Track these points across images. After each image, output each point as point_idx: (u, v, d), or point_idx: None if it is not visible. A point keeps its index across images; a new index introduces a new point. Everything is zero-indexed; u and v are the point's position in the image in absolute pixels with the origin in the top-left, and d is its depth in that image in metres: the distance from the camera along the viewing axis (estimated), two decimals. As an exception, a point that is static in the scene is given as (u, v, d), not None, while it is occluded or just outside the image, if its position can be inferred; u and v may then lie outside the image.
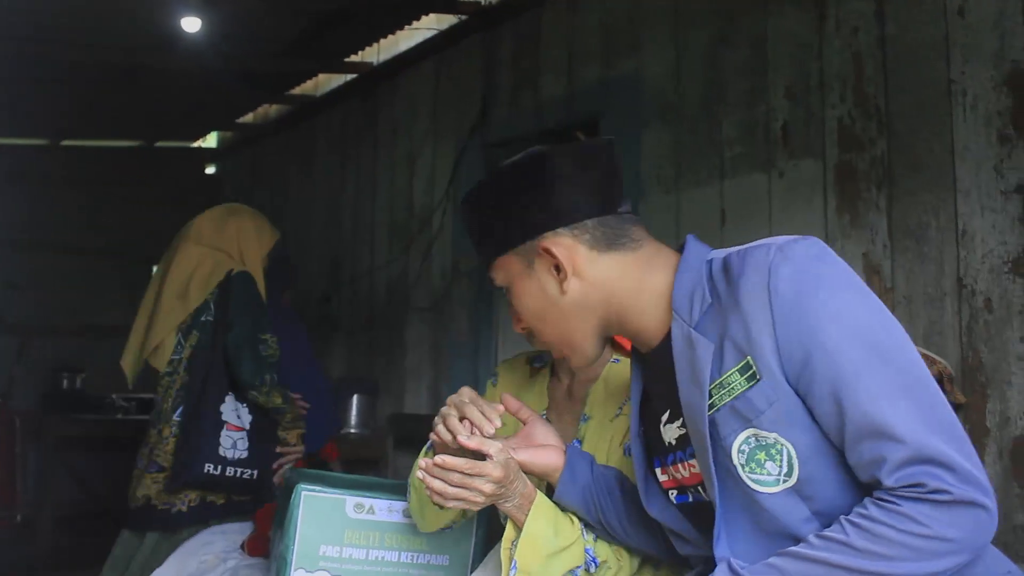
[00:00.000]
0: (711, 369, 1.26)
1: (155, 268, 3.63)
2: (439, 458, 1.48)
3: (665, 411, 1.42)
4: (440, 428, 1.54)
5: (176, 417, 3.27)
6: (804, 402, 1.22)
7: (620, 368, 1.80)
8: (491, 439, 1.50)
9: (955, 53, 2.87)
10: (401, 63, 5.70)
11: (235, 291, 3.33)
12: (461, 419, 1.52)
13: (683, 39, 3.84)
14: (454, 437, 1.49)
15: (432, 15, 5.27)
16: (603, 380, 1.79)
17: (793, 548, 1.21)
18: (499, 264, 1.49)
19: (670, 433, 1.41)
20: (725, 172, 3.57)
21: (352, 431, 5.22)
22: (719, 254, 1.36)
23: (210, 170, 8.82)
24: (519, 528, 1.55)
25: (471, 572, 1.84)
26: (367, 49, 5.99)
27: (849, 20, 3.18)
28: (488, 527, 1.94)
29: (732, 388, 1.25)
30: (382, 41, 5.84)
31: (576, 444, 1.68)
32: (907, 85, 3.00)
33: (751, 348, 1.23)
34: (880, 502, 1.16)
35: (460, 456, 1.52)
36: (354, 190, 6.29)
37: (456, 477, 1.46)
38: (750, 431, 1.24)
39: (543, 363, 1.91)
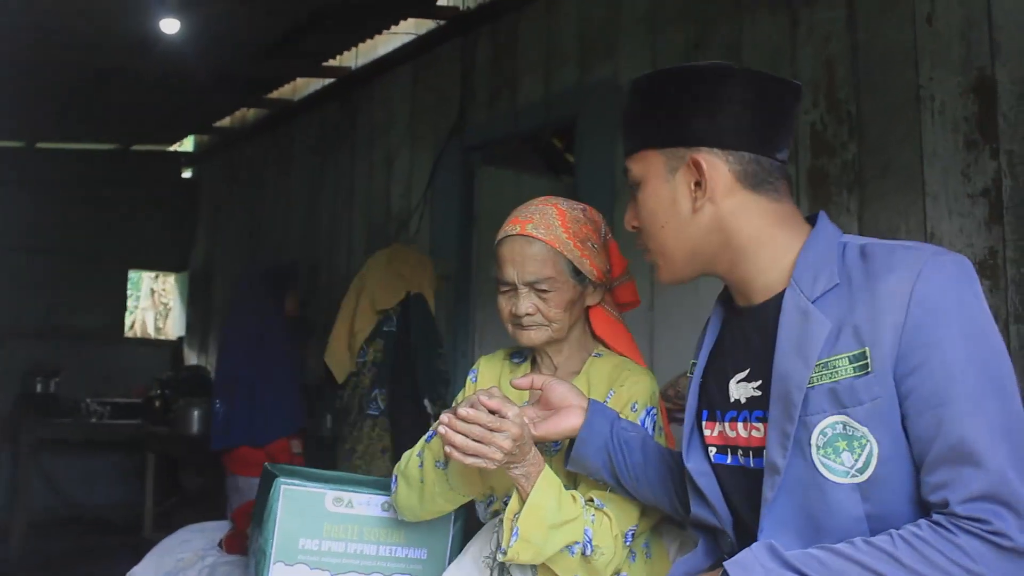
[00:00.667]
0: (822, 347, 1.25)
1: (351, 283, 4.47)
2: (462, 410, 1.49)
3: (743, 368, 1.40)
4: (463, 405, 1.54)
5: (371, 412, 4.02)
6: (900, 406, 1.21)
7: (601, 362, 1.83)
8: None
9: (923, 60, 2.93)
10: (379, 67, 5.73)
11: (413, 309, 4.19)
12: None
13: (659, 44, 3.89)
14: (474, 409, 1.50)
15: (410, 20, 5.30)
16: (585, 374, 1.82)
17: (837, 545, 1.21)
18: (641, 156, 1.43)
19: (740, 391, 1.39)
20: (700, 176, 3.62)
21: (329, 433, 5.22)
22: (854, 240, 1.33)
23: (186, 174, 8.80)
24: (522, 500, 1.57)
25: (448, 565, 1.86)
26: (345, 53, 6.01)
27: (821, 27, 3.24)
28: (465, 521, 1.96)
29: (837, 371, 1.24)
30: (360, 45, 5.86)
31: (595, 400, 1.69)
32: (877, 91, 3.06)
33: (872, 340, 1.22)
34: (936, 526, 1.15)
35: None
36: (332, 193, 6.30)
37: (477, 431, 1.47)
38: (841, 417, 1.24)
39: (523, 358, 1.94)
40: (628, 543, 1.67)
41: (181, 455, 5.98)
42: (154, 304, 11.93)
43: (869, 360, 1.22)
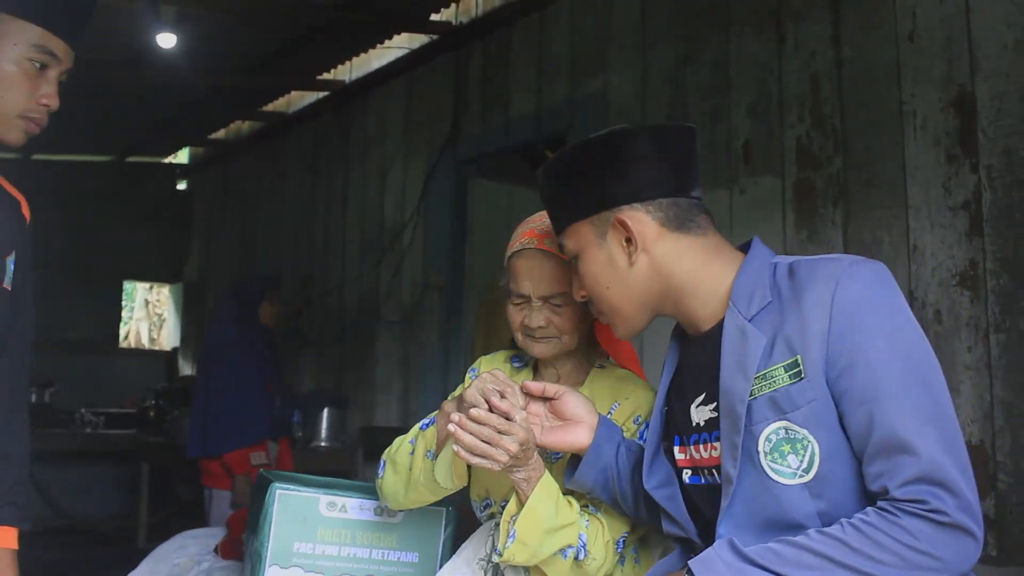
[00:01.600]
0: (760, 361, 1.35)
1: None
2: (473, 411, 1.52)
3: (700, 393, 1.48)
4: (472, 391, 1.59)
5: None
6: (837, 406, 1.29)
7: (605, 375, 1.86)
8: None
9: (906, 76, 3.00)
10: (373, 81, 5.79)
11: None
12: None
13: (648, 60, 3.95)
14: (487, 402, 1.54)
15: (404, 34, 5.37)
16: (588, 386, 1.84)
17: (792, 538, 1.29)
18: (572, 231, 1.53)
19: (700, 415, 1.48)
20: (688, 189, 3.68)
21: (322, 444, 5.26)
22: (784, 259, 1.43)
23: (181, 185, 8.84)
24: (521, 504, 1.61)
25: (440, 568, 1.90)
26: (339, 67, 6.08)
27: (807, 43, 3.30)
28: (456, 525, 2.00)
29: (774, 381, 1.33)
30: (354, 59, 5.93)
31: (607, 418, 1.73)
32: (861, 106, 3.12)
33: (803, 348, 1.31)
34: (882, 511, 1.23)
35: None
36: (325, 206, 6.35)
37: (486, 432, 1.51)
38: (782, 423, 1.32)
39: (523, 363, 1.95)
40: (619, 549, 1.72)
41: (175, 465, 6.00)
42: (148, 315, 11.96)
43: (802, 367, 1.31)
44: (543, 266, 1.75)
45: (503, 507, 1.81)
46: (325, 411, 5.38)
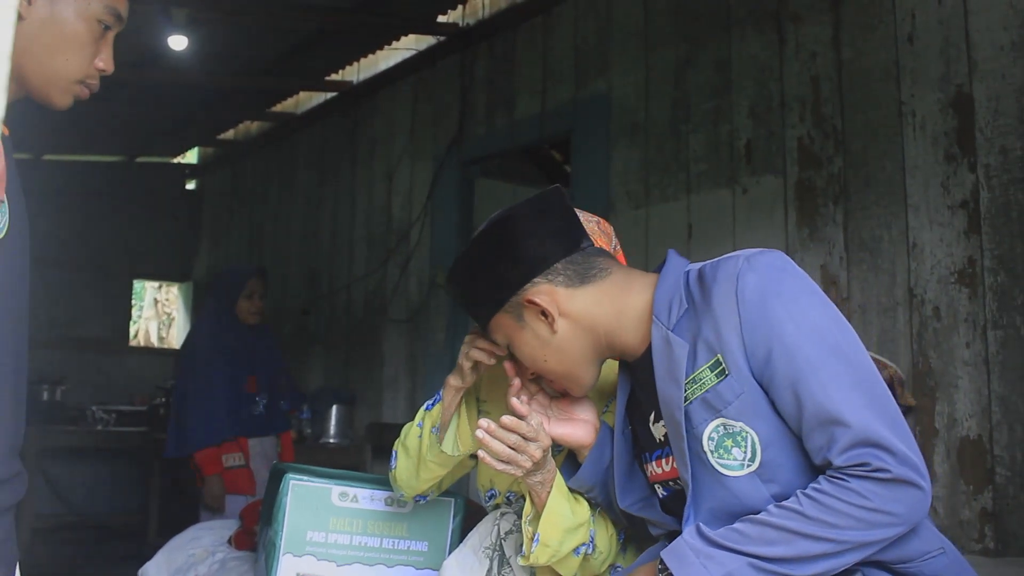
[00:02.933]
0: (686, 366, 1.41)
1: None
2: (504, 419, 1.57)
3: (651, 411, 1.55)
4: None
5: None
6: (767, 394, 1.37)
7: (605, 368, 1.92)
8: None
9: (905, 77, 3.05)
10: (380, 82, 5.84)
11: None
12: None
13: (651, 61, 4.00)
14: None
15: (411, 36, 5.42)
16: None
17: (753, 516, 1.36)
18: (495, 325, 1.60)
19: (659, 431, 1.54)
20: (691, 188, 3.74)
21: (331, 440, 5.32)
22: (695, 266, 1.49)
23: (190, 185, 8.91)
24: (535, 506, 1.65)
25: (448, 556, 1.95)
26: (347, 68, 6.13)
27: (807, 45, 3.36)
28: (465, 515, 2.06)
29: (703, 382, 1.39)
30: (362, 60, 5.98)
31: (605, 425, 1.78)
32: (861, 107, 3.17)
33: (721, 347, 1.37)
34: (831, 479, 1.30)
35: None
36: (333, 205, 6.41)
37: (514, 439, 1.56)
38: (719, 420, 1.38)
39: None
40: (621, 539, 1.77)
41: (185, 462, 6.05)
42: (157, 314, 12.04)
43: (724, 365, 1.38)
44: None
45: (507, 498, 1.86)
46: (333, 408, 5.43)
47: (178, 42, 4.61)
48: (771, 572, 1.31)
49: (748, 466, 1.38)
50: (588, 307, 1.53)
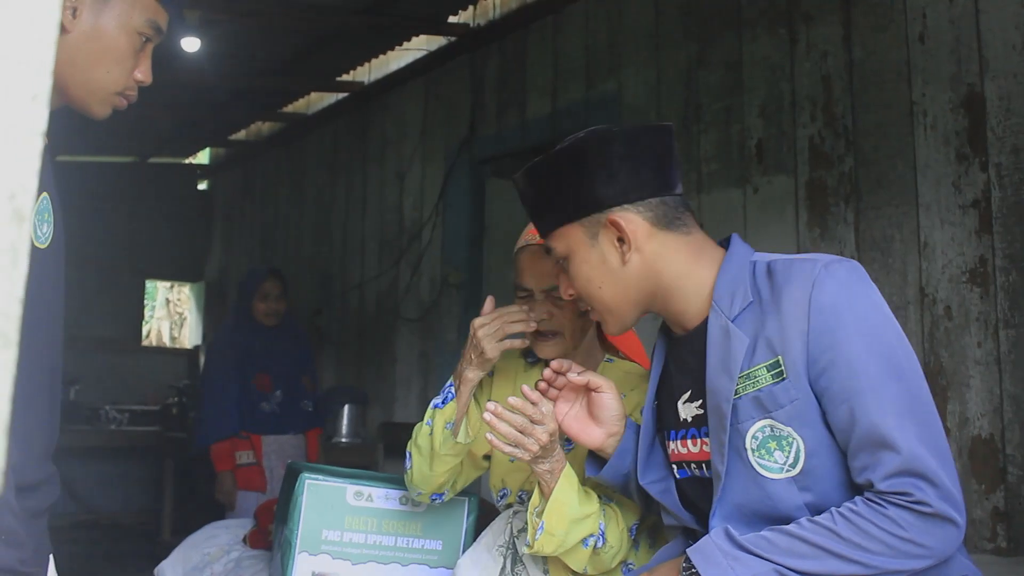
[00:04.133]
0: (743, 361, 1.40)
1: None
2: (511, 399, 1.58)
3: (686, 390, 1.53)
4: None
5: None
6: (819, 403, 1.34)
7: (613, 368, 1.94)
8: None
9: (916, 77, 3.05)
10: (391, 82, 5.86)
11: None
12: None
13: (662, 61, 4.01)
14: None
15: (422, 36, 5.44)
16: None
17: (784, 526, 1.35)
18: (560, 233, 1.54)
19: (687, 411, 1.53)
20: (702, 187, 3.74)
21: (343, 440, 5.34)
22: (762, 258, 1.47)
23: (202, 186, 8.95)
24: (543, 495, 1.67)
25: (462, 555, 1.97)
26: (358, 68, 6.15)
27: (818, 45, 3.36)
28: (479, 514, 2.08)
29: (757, 380, 1.37)
30: (373, 61, 6.00)
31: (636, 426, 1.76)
32: (872, 106, 3.18)
33: (783, 349, 1.35)
34: (869, 502, 1.29)
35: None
36: (345, 205, 6.43)
37: (520, 420, 1.57)
38: (767, 421, 1.37)
39: (536, 360, 2.03)
40: (633, 535, 1.79)
41: (197, 460, 6.09)
42: (169, 314, 12.09)
43: (783, 367, 1.36)
44: (545, 260, 1.82)
45: (519, 497, 1.88)
46: (345, 407, 5.45)
47: (191, 44, 4.64)
48: None
49: (788, 471, 1.37)
50: (662, 254, 1.49)
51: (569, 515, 1.65)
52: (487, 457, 1.98)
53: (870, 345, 1.32)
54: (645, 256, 1.49)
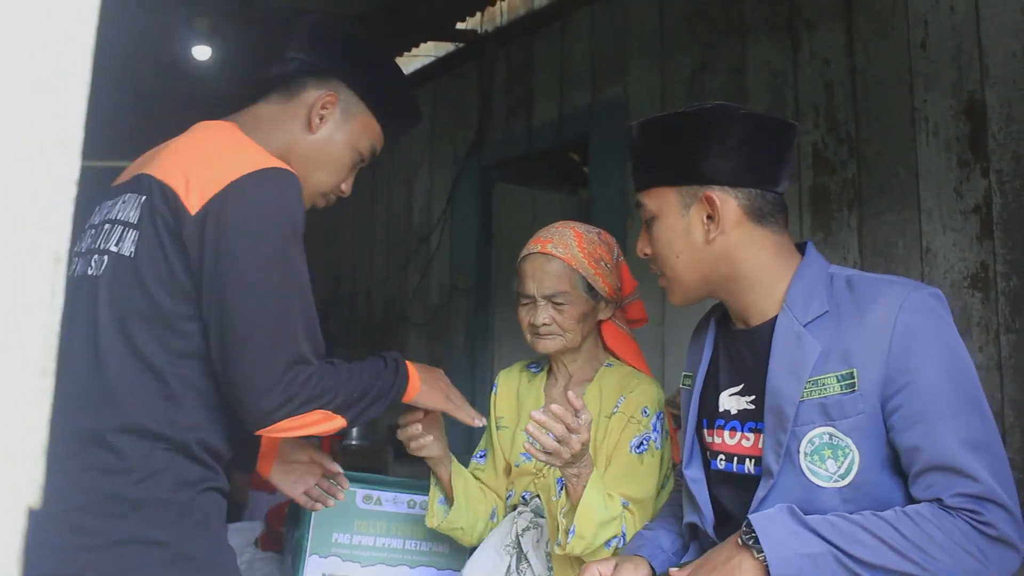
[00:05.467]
0: (812, 367, 1.41)
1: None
2: (554, 407, 1.59)
3: (736, 383, 1.55)
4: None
5: None
6: (886, 422, 1.37)
7: (612, 372, 2.00)
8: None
9: (918, 83, 3.08)
10: (400, 88, 5.90)
11: None
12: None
13: (666, 67, 4.05)
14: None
15: (430, 43, 5.48)
16: (597, 382, 1.98)
17: (849, 514, 1.35)
18: (656, 193, 1.55)
19: (731, 403, 1.54)
20: (707, 193, 3.77)
21: (353, 442, 5.39)
22: (840, 271, 1.49)
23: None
24: (570, 498, 1.72)
25: (470, 556, 2.02)
26: (367, 74, 6.18)
27: (821, 52, 3.39)
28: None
29: (825, 388, 1.39)
30: (381, 67, 6.03)
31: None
32: (875, 113, 3.21)
33: (860, 362, 1.37)
34: (937, 510, 1.31)
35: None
36: (354, 209, 6.48)
37: (560, 429, 1.58)
38: (828, 428, 1.39)
39: (539, 368, 2.11)
40: None
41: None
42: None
43: (856, 380, 1.38)
44: (545, 267, 1.90)
45: (523, 497, 1.93)
46: (355, 410, 5.49)
47: (202, 52, 4.70)
48: (850, 571, 1.32)
49: (836, 481, 1.39)
50: (746, 243, 1.50)
51: (597, 518, 1.70)
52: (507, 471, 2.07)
53: (949, 373, 1.35)
54: (729, 240, 1.50)
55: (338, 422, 1.49)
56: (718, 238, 1.50)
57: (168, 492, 1.39)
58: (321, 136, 1.66)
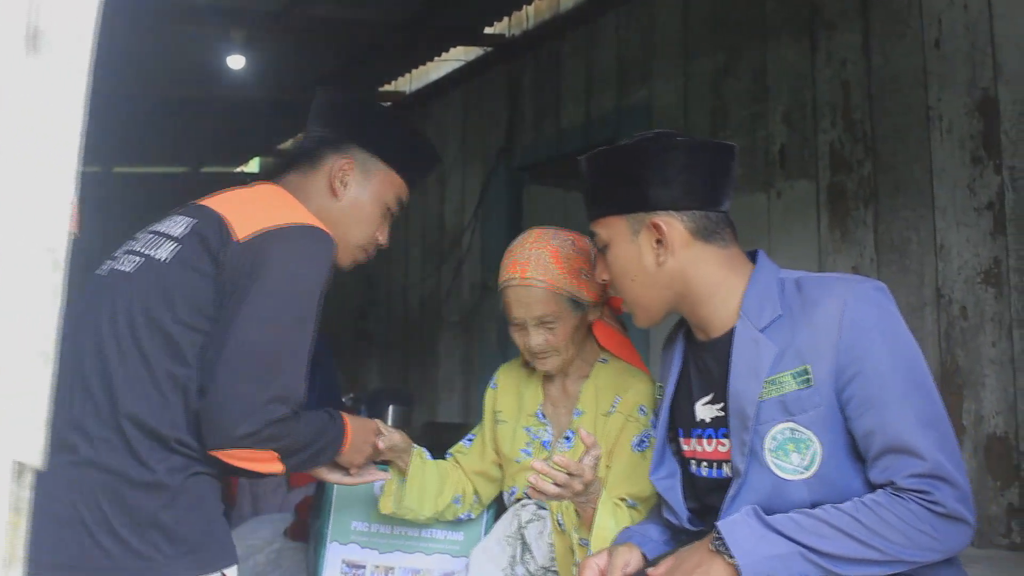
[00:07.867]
0: (769, 367, 1.49)
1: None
2: (557, 458, 1.66)
3: (707, 393, 1.63)
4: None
5: None
6: (843, 412, 1.45)
7: (607, 368, 2.06)
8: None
9: (932, 82, 3.12)
10: (432, 92, 6.02)
11: None
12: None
13: (690, 70, 4.11)
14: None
15: (459, 47, 5.58)
16: (592, 378, 2.04)
17: (810, 509, 1.45)
18: (606, 222, 1.64)
19: (705, 412, 1.63)
20: (728, 193, 3.83)
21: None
22: (789, 275, 1.58)
23: (253, 194, 9.17)
24: (582, 520, 1.80)
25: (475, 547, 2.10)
26: (400, 79, 6.31)
27: (839, 52, 3.44)
28: (497, 510, 2.20)
29: (782, 386, 1.48)
30: (414, 72, 6.16)
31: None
32: (890, 112, 3.24)
33: (813, 358, 1.46)
34: (891, 495, 1.40)
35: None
36: (389, 212, 6.59)
37: (562, 477, 1.65)
38: (789, 424, 1.48)
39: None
40: None
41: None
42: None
43: (811, 375, 1.47)
44: (528, 295, 1.95)
45: (526, 493, 2.00)
46: (390, 408, 5.59)
47: (236, 61, 4.84)
48: (818, 565, 1.40)
49: (802, 473, 1.47)
50: (696, 263, 1.58)
51: (610, 536, 1.78)
52: (498, 465, 2.14)
53: (896, 360, 1.44)
54: (679, 261, 1.58)
55: (277, 467, 1.57)
56: (668, 260, 1.59)
57: (163, 476, 1.50)
58: (348, 199, 1.81)
